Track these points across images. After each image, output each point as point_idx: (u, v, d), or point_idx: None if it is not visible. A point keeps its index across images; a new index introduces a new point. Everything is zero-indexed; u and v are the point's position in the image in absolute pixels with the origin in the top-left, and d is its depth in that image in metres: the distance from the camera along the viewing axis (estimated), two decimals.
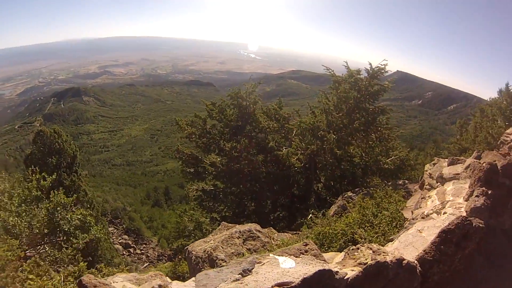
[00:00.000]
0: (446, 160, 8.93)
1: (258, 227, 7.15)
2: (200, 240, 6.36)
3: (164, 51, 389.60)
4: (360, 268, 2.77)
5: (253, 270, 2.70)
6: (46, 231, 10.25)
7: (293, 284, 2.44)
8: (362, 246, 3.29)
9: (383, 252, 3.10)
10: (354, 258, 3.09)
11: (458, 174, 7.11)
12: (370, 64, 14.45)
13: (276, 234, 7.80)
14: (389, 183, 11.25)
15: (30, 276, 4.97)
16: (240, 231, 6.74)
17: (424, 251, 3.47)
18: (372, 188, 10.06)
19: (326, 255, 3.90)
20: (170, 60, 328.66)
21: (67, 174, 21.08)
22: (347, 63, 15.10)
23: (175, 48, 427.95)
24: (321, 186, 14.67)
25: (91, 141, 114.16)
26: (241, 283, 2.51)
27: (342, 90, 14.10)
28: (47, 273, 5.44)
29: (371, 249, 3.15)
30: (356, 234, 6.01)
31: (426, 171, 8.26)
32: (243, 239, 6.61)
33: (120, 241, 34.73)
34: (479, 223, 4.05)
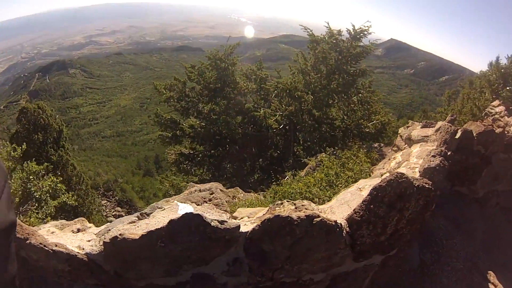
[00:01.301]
0: (421, 123, 8.81)
1: (220, 186, 7.00)
2: (163, 199, 6.32)
3: (152, 17, 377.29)
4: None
5: (151, 214, 2.73)
6: (18, 200, 10.42)
7: (161, 226, 2.38)
8: (288, 201, 3.11)
9: (305, 209, 2.87)
10: (273, 214, 2.92)
11: (427, 136, 7.01)
12: (353, 25, 14.04)
13: (242, 194, 7.70)
14: (364, 146, 11.18)
15: None
16: (200, 190, 6.62)
17: (354, 210, 3.24)
18: (344, 150, 9.96)
19: (253, 210, 3.79)
20: (159, 26, 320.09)
21: (54, 149, 20.89)
22: (328, 23, 14.58)
23: (164, 14, 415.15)
24: (300, 148, 14.46)
25: (79, 114, 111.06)
26: (134, 225, 2.56)
27: (320, 51, 13.68)
28: None
29: (294, 204, 2.95)
30: (311, 193, 5.85)
31: (399, 133, 8.20)
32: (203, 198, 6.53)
33: (113, 214, 35.03)
34: (425, 183, 3.75)
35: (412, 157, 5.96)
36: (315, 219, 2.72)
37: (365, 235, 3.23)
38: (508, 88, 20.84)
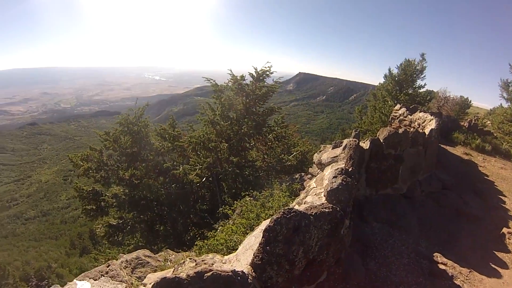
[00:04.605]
0: (331, 145, 9.25)
1: (147, 252, 6.82)
2: (92, 277, 6.00)
3: (65, 82, 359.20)
4: None
5: None
6: None
7: None
8: (190, 259, 3.15)
9: (204, 264, 2.95)
10: (176, 274, 2.82)
11: (336, 156, 7.18)
12: (255, 68, 14.74)
13: (173, 255, 7.56)
14: (287, 179, 11.46)
15: None
16: (127, 260, 6.39)
17: (254, 255, 3.18)
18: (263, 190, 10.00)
19: (161, 273, 3.76)
20: (73, 92, 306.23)
21: None
22: (231, 70, 15.14)
23: (77, 78, 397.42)
24: (227, 196, 14.40)
25: None
26: None
27: (226, 98, 14.32)
28: None
29: (195, 261, 3.02)
30: (232, 241, 5.87)
31: (313, 160, 8.48)
32: (132, 268, 6.28)
33: None
34: (325, 208, 3.79)
35: (325, 180, 5.89)
36: (205, 274, 2.69)
37: (273, 276, 3.16)
38: (403, 92, 23.70)
